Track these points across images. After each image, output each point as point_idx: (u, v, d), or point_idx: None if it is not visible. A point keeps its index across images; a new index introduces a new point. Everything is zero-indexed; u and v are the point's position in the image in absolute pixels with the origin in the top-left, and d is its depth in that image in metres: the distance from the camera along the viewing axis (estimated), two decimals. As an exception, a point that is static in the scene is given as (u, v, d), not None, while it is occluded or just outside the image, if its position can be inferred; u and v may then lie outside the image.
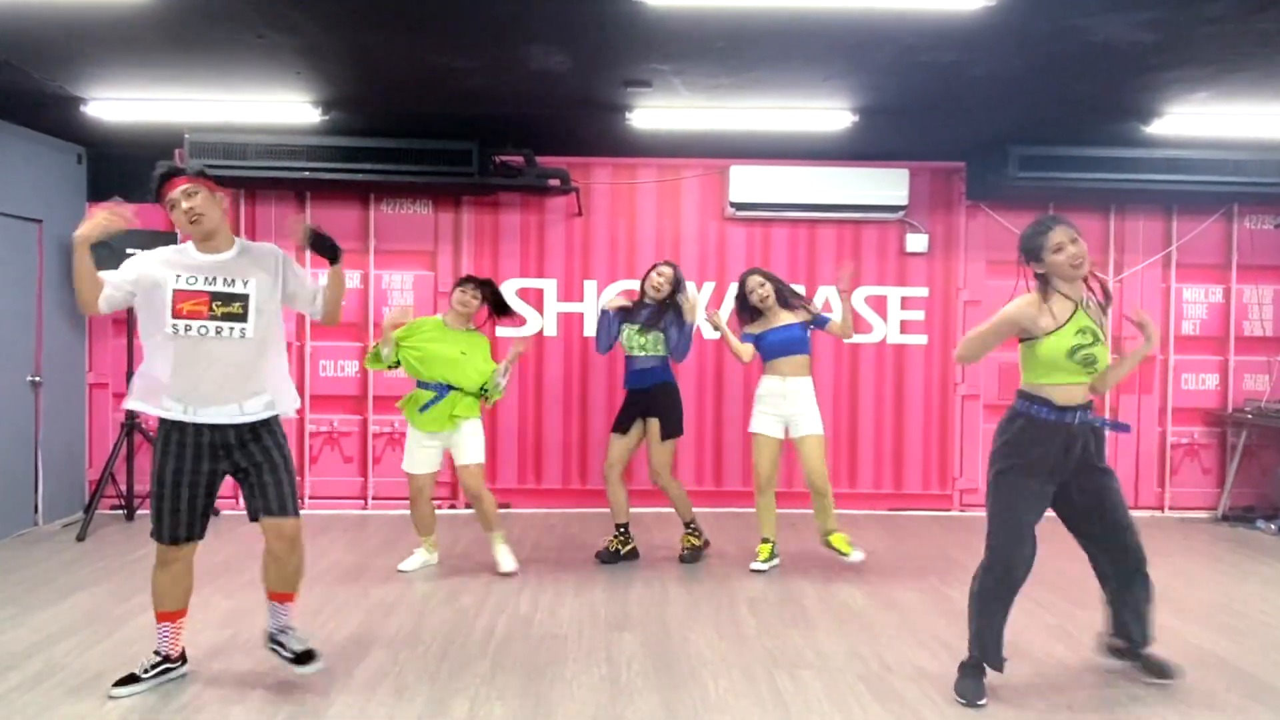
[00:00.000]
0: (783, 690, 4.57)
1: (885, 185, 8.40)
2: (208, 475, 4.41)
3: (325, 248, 4.61)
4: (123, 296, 4.51)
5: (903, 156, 8.48)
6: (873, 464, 8.91)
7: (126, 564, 6.73)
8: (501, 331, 8.50)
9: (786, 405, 6.69)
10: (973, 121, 7.45)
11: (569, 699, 4.45)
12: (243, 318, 4.40)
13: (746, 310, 6.90)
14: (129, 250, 7.75)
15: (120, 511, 8.18)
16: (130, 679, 4.48)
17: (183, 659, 4.67)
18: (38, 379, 7.82)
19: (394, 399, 8.53)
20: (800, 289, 8.62)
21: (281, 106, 7.05)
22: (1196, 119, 7.11)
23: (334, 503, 8.50)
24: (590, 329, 8.69)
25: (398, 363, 6.54)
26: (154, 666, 4.55)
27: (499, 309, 6.90)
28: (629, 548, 7.00)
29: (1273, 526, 8.23)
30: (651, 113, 7.11)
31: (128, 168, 8.46)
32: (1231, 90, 6.43)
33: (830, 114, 7.11)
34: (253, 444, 4.44)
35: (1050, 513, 4.54)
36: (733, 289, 8.62)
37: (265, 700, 4.40)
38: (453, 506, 8.64)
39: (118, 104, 6.98)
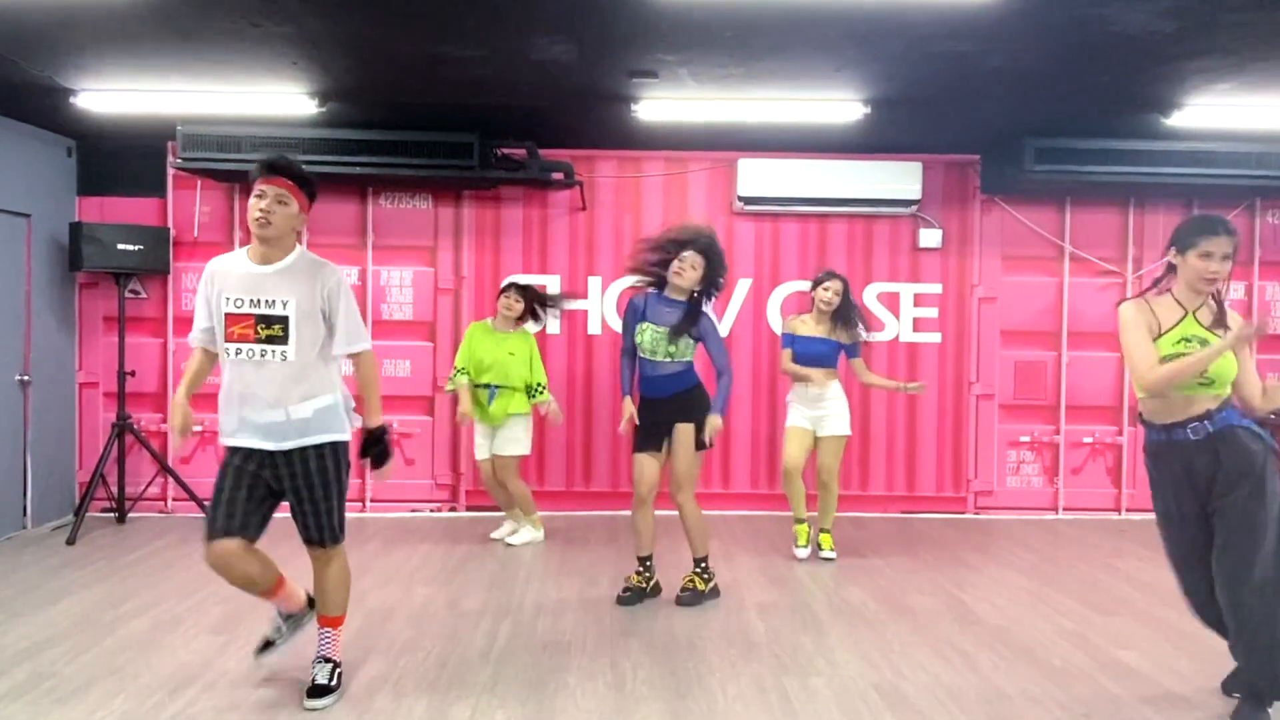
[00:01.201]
0: (793, 698, 4.56)
1: (898, 179, 8.39)
2: (251, 475, 4.36)
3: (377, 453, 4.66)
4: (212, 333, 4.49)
5: (916, 149, 8.47)
6: (885, 466, 8.90)
7: (117, 568, 6.73)
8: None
9: (814, 408, 7.18)
10: (988, 113, 7.43)
11: (573, 707, 4.43)
12: (283, 340, 4.32)
13: (810, 299, 7.26)
14: (120, 245, 7.80)
15: (111, 514, 8.19)
16: (268, 646, 4.70)
17: (310, 602, 4.78)
18: (26, 378, 7.83)
19: (392, 399, 8.57)
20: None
21: (277, 98, 7.04)
22: (1218, 110, 7.08)
23: (331, 505, 8.47)
24: (595, 326, 8.72)
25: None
26: (280, 630, 4.74)
27: (536, 313, 7.64)
28: (653, 583, 6.24)
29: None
30: (658, 104, 7.10)
31: (119, 161, 8.50)
32: (1254, 81, 6.41)
33: (841, 105, 7.09)
34: (299, 465, 4.39)
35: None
36: (741, 285, 8.68)
37: (259, 709, 4.40)
38: (453, 509, 8.64)
39: (108, 95, 6.97)
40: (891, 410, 8.85)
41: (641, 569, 6.20)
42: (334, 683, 4.52)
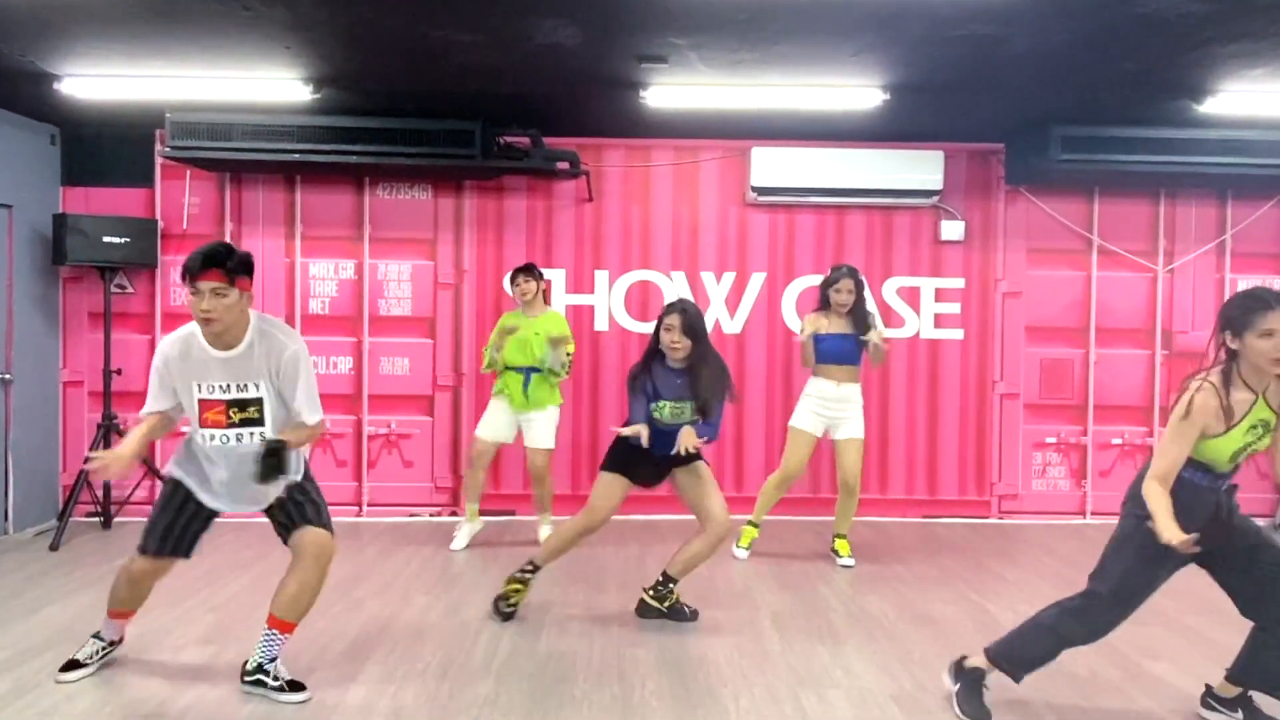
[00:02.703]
0: (809, 711, 4.57)
1: (918, 168, 8.38)
2: (208, 512, 4.77)
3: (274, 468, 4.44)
4: (177, 407, 4.70)
5: (937, 138, 8.46)
6: (905, 468, 8.90)
7: (103, 575, 6.71)
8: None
9: (834, 409, 7.19)
10: (1013, 100, 7.41)
11: (579, 720, 4.46)
12: (259, 421, 4.54)
13: (825, 300, 7.22)
14: (105, 238, 7.80)
15: (96, 519, 8.20)
16: (74, 664, 4.84)
17: (121, 639, 5.08)
18: (7, 376, 7.85)
19: (390, 398, 8.64)
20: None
21: (270, 84, 7.04)
22: (1253, 97, 7.06)
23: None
24: (602, 323, 8.74)
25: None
26: (98, 652, 4.93)
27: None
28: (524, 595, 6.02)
29: (1336, 536, 8.20)
30: (667, 90, 7.09)
31: (105, 149, 8.51)
32: (1293, 66, 6.41)
33: (859, 92, 7.08)
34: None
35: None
36: (755, 279, 8.67)
37: (253, 721, 4.43)
38: (454, 514, 8.63)
39: (94, 81, 6.98)
40: (911, 410, 8.85)
41: (524, 574, 5.96)
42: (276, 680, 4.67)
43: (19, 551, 7.44)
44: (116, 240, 7.92)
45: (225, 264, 4.37)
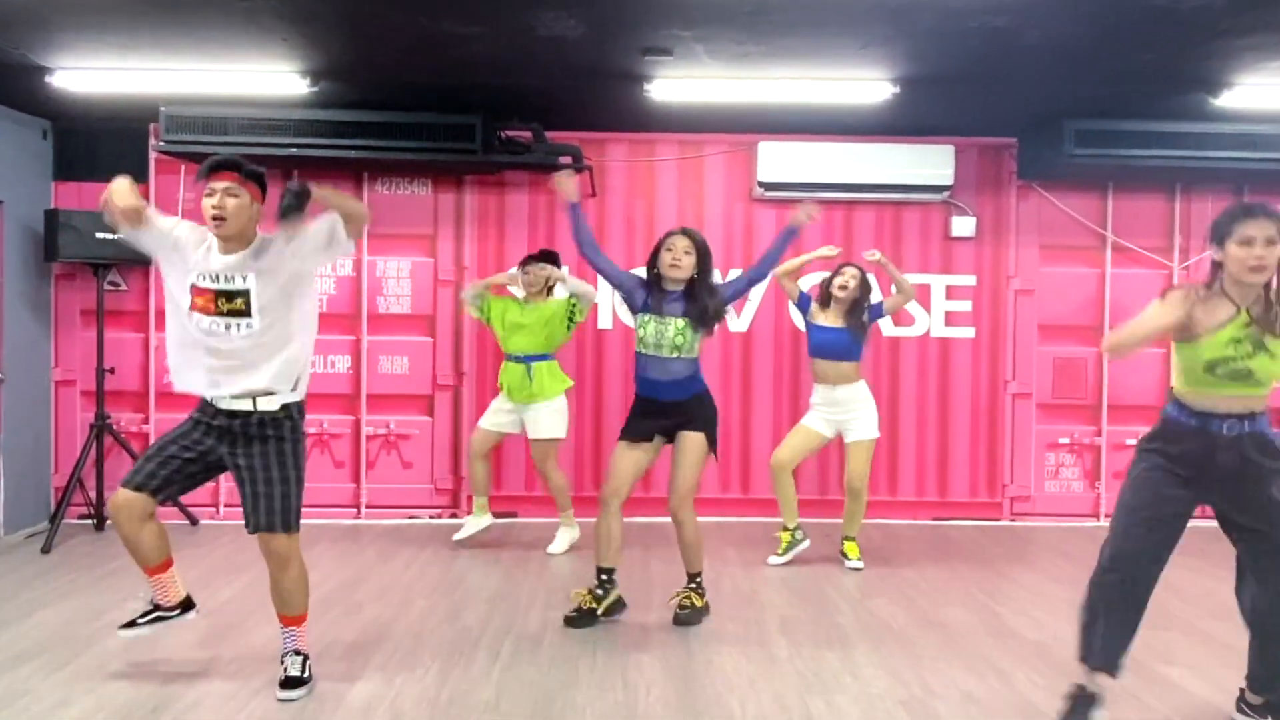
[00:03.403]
0: (817, 717, 4.56)
1: (929, 163, 8.38)
2: (202, 446, 4.69)
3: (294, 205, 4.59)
4: (155, 237, 4.73)
5: (948, 132, 8.45)
6: (915, 469, 8.89)
7: (97, 578, 6.75)
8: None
9: (837, 412, 7.22)
10: (1025, 93, 7.41)
11: (582, 727, 4.45)
12: (245, 313, 4.59)
13: (827, 299, 7.25)
14: (98, 234, 7.80)
15: (89, 521, 8.19)
16: (131, 624, 5.00)
17: (185, 606, 5.08)
18: None
19: (389, 398, 8.63)
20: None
21: (266, 77, 7.04)
22: (1270, 91, 7.05)
23: (324, 511, 8.47)
24: (605, 320, 8.73)
25: (488, 318, 7.62)
26: (146, 615, 5.00)
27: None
28: (612, 599, 5.95)
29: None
30: (672, 84, 7.08)
31: (98, 144, 8.50)
32: (1311, 58, 6.40)
33: (868, 85, 7.07)
34: (257, 443, 4.66)
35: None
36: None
37: (249, 727, 4.43)
38: (454, 516, 8.63)
39: (87, 74, 6.98)
40: (922, 410, 8.84)
41: (599, 585, 5.92)
42: (306, 674, 4.79)
43: (10, 554, 7.44)
44: (109, 236, 7.85)
45: (242, 167, 4.61)
